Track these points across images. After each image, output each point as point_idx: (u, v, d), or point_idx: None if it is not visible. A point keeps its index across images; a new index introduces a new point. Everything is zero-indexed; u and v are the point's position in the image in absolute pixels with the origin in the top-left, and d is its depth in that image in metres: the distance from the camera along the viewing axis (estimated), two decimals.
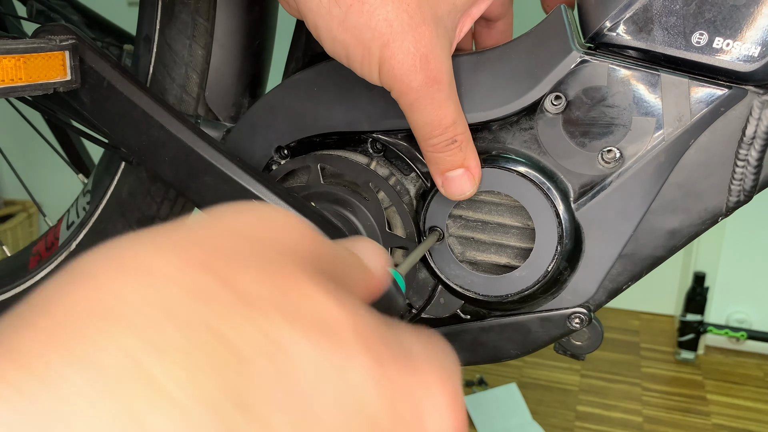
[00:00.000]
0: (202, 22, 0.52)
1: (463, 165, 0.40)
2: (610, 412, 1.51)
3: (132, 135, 0.47)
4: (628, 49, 0.38)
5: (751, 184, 0.38)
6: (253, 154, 0.49)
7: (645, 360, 1.76)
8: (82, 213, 0.63)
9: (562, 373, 1.66)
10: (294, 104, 0.47)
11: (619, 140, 0.40)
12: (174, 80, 0.53)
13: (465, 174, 0.40)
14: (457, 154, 0.40)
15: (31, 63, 0.43)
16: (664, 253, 0.41)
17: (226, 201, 0.45)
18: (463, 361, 0.48)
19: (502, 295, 0.44)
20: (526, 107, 0.41)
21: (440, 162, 0.40)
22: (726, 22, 0.36)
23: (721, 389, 1.64)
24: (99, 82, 0.46)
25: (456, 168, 0.40)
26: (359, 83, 0.45)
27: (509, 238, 0.45)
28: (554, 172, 0.42)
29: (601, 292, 0.43)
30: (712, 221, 0.40)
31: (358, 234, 0.45)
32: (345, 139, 0.47)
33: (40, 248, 0.68)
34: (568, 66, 0.39)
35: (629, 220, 0.41)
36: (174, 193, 0.57)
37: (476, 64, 0.42)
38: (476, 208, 0.45)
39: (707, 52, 0.37)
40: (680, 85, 0.38)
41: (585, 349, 0.46)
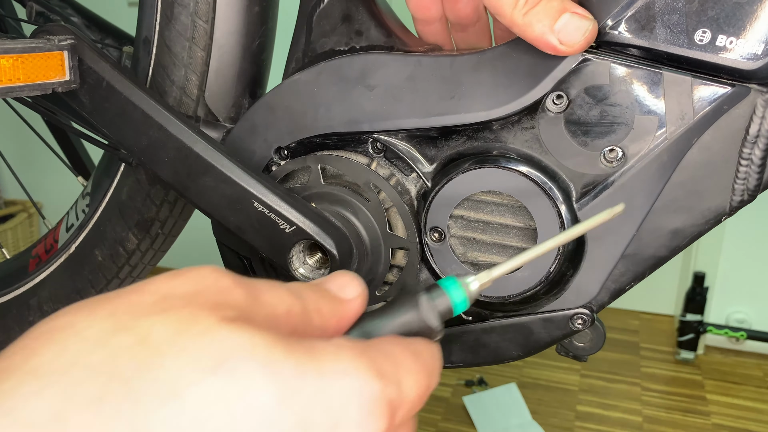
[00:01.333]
0: (202, 24, 0.51)
1: (566, 8, 0.36)
2: (610, 412, 1.51)
3: (131, 135, 0.46)
4: (630, 47, 0.38)
5: (755, 183, 0.38)
6: (253, 155, 0.49)
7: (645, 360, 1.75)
8: (81, 215, 0.63)
9: (562, 373, 1.65)
10: (294, 105, 0.47)
11: (622, 139, 0.40)
12: (173, 82, 0.53)
13: (573, 15, 0.36)
14: (553, 0, 0.37)
15: (30, 63, 0.43)
16: (667, 253, 0.41)
17: (225, 202, 0.45)
18: (464, 362, 0.48)
19: (504, 296, 0.44)
20: (528, 106, 0.41)
21: (542, 16, 0.36)
22: (729, 19, 0.35)
23: (720, 389, 1.64)
24: (98, 82, 0.46)
25: (561, 14, 0.36)
26: (359, 83, 0.45)
27: (511, 238, 0.44)
28: (556, 172, 0.42)
29: (603, 293, 0.43)
30: (715, 221, 0.40)
31: (358, 234, 0.45)
32: (345, 139, 0.46)
33: (40, 251, 0.68)
34: (569, 65, 0.39)
35: (632, 220, 0.41)
36: (173, 195, 0.57)
37: (477, 63, 0.42)
38: (478, 209, 0.44)
39: (710, 50, 0.36)
40: (683, 84, 0.38)
41: (587, 351, 0.46)
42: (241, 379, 0.20)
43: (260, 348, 0.21)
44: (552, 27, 0.36)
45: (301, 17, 0.47)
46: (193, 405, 0.19)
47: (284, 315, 0.24)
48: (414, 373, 0.25)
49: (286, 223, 0.43)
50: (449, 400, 1.53)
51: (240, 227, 0.45)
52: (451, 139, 0.44)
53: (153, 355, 0.20)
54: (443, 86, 0.43)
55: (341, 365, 0.22)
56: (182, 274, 0.24)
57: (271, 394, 0.20)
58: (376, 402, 0.22)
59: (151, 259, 0.62)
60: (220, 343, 0.20)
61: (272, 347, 0.21)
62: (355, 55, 0.45)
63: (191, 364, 0.20)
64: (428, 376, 0.26)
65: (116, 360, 0.19)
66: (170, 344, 0.20)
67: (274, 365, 0.21)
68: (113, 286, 0.62)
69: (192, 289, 0.23)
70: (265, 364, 0.21)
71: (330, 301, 0.27)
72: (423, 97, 0.43)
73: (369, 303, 0.47)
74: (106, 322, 0.21)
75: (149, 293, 0.22)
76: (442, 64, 0.43)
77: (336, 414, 0.21)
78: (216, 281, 0.23)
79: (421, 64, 0.43)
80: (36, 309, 0.66)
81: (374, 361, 0.23)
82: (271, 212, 0.43)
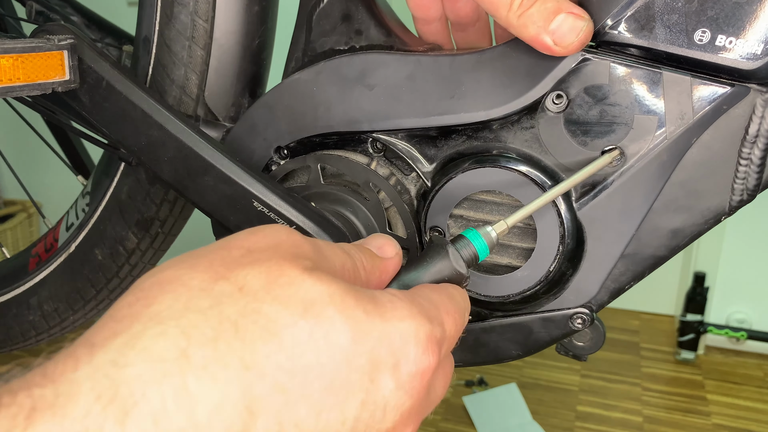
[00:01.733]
0: (201, 23, 0.51)
1: (561, 9, 0.37)
2: (610, 412, 1.51)
3: (131, 135, 0.46)
4: (629, 47, 0.38)
5: (755, 183, 0.38)
6: (253, 155, 0.49)
7: (645, 360, 1.76)
8: (81, 214, 0.63)
9: (562, 373, 1.66)
10: (294, 104, 0.47)
11: (621, 139, 0.40)
12: (173, 81, 0.53)
13: (568, 15, 0.37)
14: (548, 0, 0.37)
15: (29, 63, 0.43)
16: (667, 252, 0.41)
17: (225, 201, 0.45)
18: (464, 362, 0.48)
19: (504, 296, 0.44)
20: (527, 106, 0.41)
21: (537, 17, 0.37)
22: (729, 19, 0.35)
23: (721, 389, 1.64)
24: (98, 82, 0.46)
25: (556, 15, 0.37)
26: (359, 83, 0.45)
27: (511, 238, 0.44)
28: (556, 172, 0.42)
29: (603, 292, 0.43)
30: (715, 220, 0.40)
31: (358, 233, 0.45)
32: (345, 139, 0.46)
33: (40, 250, 0.68)
34: (569, 64, 0.39)
35: (631, 220, 0.41)
36: (173, 195, 0.57)
37: (477, 62, 0.42)
38: (477, 209, 0.45)
39: (710, 50, 0.36)
40: (682, 83, 0.38)
41: (587, 350, 0.46)
42: (324, 322, 0.24)
43: (336, 296, 0.25)
44: (546, 28, 0.37)
45: (301, 16, 0.47)
46: (288, 343, 0.23)
47: (341, 268, 0.29)
48: (452, 314, 0.30)
49: (285, 223, 0.43)
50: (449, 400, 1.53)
51: (240, 227, 0.45)
52: (450, 138, 0.44)
53: (252, 300, 0.23)
54: (443, 86, 0.43)
55: (399, 312, 0.27)
56: (259, 231, 0.28)
57: (347, 335, 0.24)
58: (428, 341, 0.27)
59: (151, 258, 0.62)
60: (305, 292, 0.25)
61: (345, 295, 0.25)
62: (355, 54, 0.45)
63: (284, 309, 0.24)
64: (462, 315, 0.31)
65: (221, 305, 0.23)
66: (265, 291, 0.24)
67: (349, 311, 0.25)
68: (113, 285, 0.62)
69: (272, 243, 0.27)
70: (341, 309, 0.25)
71: (372, 258, 0.32)
72: (423, 97, 0.43)
73: None
74: (207, 273, 0.24)
75: (236, 248, 0.26)
76: (441, 64, 0.43)
77: (398, 351, 0.26)
78: (289, 236, 0.28)
79: (420, 64, 0.43)
80: (36, 308, 0.66)
81: (422, 307, 0.28)
82: (271, 212, 0.44)
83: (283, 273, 0.25)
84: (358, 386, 0.25)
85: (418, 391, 0.27)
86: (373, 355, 0.25)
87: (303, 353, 0.23)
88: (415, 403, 0.27)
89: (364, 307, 0.26)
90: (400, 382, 0.26)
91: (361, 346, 0.25)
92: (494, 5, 0.38)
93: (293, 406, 0.22)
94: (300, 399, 0.23)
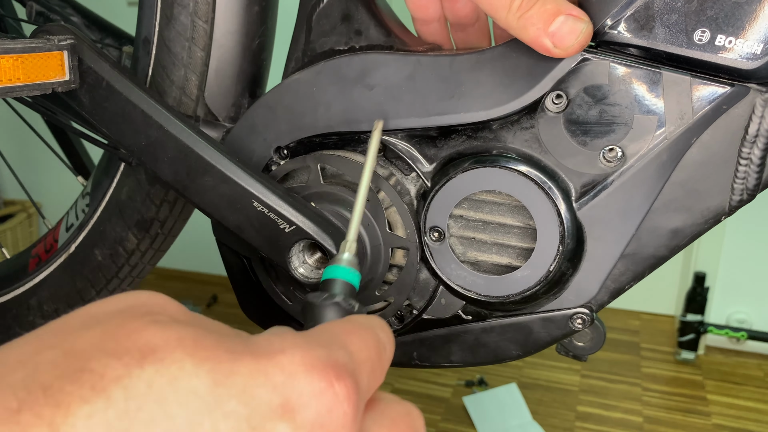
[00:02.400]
0: (201, 24, 0.51)
1: (560, 11, 0.36)
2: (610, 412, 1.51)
3: (131, 135, 0.46)
4: (629, 47, 0.38)
5: (754, 182, 0.38)
6: (253, 155, 0.49)
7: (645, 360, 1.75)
8: (81, 215, 0.63)
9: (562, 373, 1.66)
10: (293, 104, 0.47)
11: (621, 139, 0.40)
12: (173, 82, 0.53)
13: (567, 17, 0.36)
14: (547, 2, 0.37)
15: (29, 63, 0.43)
16: (667, 252, 0.41)
17: (225, 201, 0.45)
18: (464, 362, 0.48)
19: (504, 296, 0.44)
20: (527, 106, 0.41)
21: (536, 19, 0.36)
22: (728, 19, 0.35)
23: (721, 389, 1.64)
24: (98, 82, 0.46)
25: (555, 17, 0.36)
26: (359, 83, 0.45)
27: (510, 238, 0.44)
28: (555, 171, 0.42)
29: (603, 292, 0.43)
30: (714, 220, 0.40)
31: (359, 234, 0.45)
32: (345, 139, 0.46)
33: (40, 250, 0.68)
34: (569, 64, 0.39)
35: (631, 220, 0.41)
36: (173, 195, 0.57)
37: (477, 63, 0.42)
38: (477, 208, 0.45)
39: (709, 50, 0.36)
40: (682, 83, 0.38)
41: (587, 350, 0.46)
42: (169, 367, 0.19)
43: (188, 339, 0.20)
44: (546, 30, 0.37)
45: (301, 17, 0.47)
46: (119, 398, 0.18)
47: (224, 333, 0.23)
48: (356, 333, 0.24)
49: (285, 223, 0.43)
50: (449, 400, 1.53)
51: (239, 227, 0.45)
52: (450, 138, 0.44)
53: (77, 360, 0.19)
54: (443, 86, 0.43)
55: (276, 345, 0.21)
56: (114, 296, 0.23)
57: (204, 378, 0.19)
58: (326, 367, 0.21)
59: (150, 258, 0.62)
60: (147, 340, 0.20)
61: (201, 338, 0.20)
62: (355, 54, 0.45)
63: (116, 360, 0.19)
64: (371, 334, 0.25)
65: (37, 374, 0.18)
66: (96, 348, 0.19)
67: (204, 352, 0.20)
68: (113, 285, 0.62)
69: (124, 305, 0.22)
70: (192, 352, 0.19)
71: None
72: (422, 97, 0.43)
73: (369, 302, 0.48)
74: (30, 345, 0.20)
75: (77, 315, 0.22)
76: (441, 64, 0.43)
77: (283, 388, 0.20)
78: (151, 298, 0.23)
79: (420, 64, 0.43)
80: (36, 309, 0.66)
81: (309, 335, 0.22)
82: (271, 212, 0.44)
83: (124, 326, 0.20)
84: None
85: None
86: (248, 397, 0.19)
87: (140, 407, 0.18)
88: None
89: (227, 346, 0.20)
90: (300, 424, 0.20)
91: (227, 388, 0.19)
92: (494, 7, 0.38)
93: None
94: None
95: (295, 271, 0.45)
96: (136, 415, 0.18)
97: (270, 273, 0.51)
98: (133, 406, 0.18)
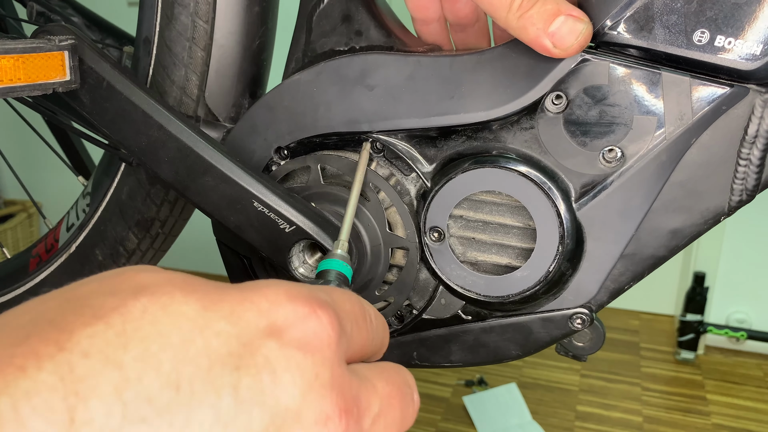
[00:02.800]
0: (202, 24, 0.52)
1: (560, 11, 0.37)
2: (610, 412, 1.51)
3: (132, 135, 0.46)
4: (629, 47, 0.38)
5: (754, 183, 0.38)
6: (253, 155, 0.49)
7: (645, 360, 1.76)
8: (82, 215, 0.63)
9: (562, 373, 1.66)
10: (294, 105, 0.47)
11: (621, 139, 0.40)
12: (174, 82, 0.53)
13: (567, 18, 0.37)
14: (547, 2, 0.37)
15: (30, 63, 0.43)
16: (666, 252, 0.41)
17: (225, 201, 0.45)
18: (464, 362, 0.48)
19: (504, 296, 0.44)
20: (527, 106, 0.41)
21: (536, 20, 0.37)
22: (728, 20, 0.35)
23: (721, 389, 1.64)
24: (98, 82, 0.46)
25: (555, 17, 0.37)
26: (359, 83, 0.45)
27: (510, 238, 0.44)
28: (555, 172, 0.42)
29: (602, 293, 0.43)
30: (714, 221, 0.40)
31: (358, 233, 0.45)
32: (345, 139, 0.46)
33: (40, 250, 0.68)
34: (568, 65, 0.39)
35: (631, 220, 0.41)
36: (174, 195, 0.57)
37: (477, 63, 0.42)
38: (477, 209, 0.45)
39: (709, 51, 0.36)
40: (681, 84, 0.38)
41: (587, 350, 0.46)
42: (161, 297, 0.21)
43: (177, 279, 0.22)
44: (546, 30, 0.37)
45: (301, 17, 0.47)
46: (117, 322, 0.20)
47: None
48: (340, 291, 0.26)
49: (285, 223, 0.43)
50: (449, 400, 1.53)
51: (240, 227, 0.45)
52: (450, 139, 0.44)
53: (78, 301, 0.21)
54: (443, 86, 0.43)
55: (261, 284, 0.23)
56: None
57: (194, 304, 0.21)
58: (309, 298, 0.23)
59: (151, 258, 0.62)
60: (140, 281, 0.21)
61: (191, 279, 0.22)
62: (355, 55, 0.45)
63: (112, 297, 0.20)
64: (357, 296, 0.27)
65: (43, 314, 0.20)
66: (94, 292, 0.21)
67: (193, 287, 0.22)
68: None
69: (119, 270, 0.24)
70: (182, 287, 0.21)
71: None
72: (422, 97, 0.43)
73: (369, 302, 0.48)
74: (34, 302, 0.21)
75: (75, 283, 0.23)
76: (441, 65, 0.43)
77: (269, 313, 0.22)
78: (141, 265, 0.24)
79: (420, 65, 0.43)
80: None
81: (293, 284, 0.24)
82: (271, 212, 0.44)
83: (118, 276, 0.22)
84: (224, 351, 0.20)
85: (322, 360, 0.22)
86: (236, 318, 0.21)
87: (137, 328, 0.19)
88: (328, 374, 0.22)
89: (214, 285, 0.22)
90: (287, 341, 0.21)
91: (215, 312, 0.21)
92: (494, 7, 0.38)
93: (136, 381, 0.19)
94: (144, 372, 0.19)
95: (295, 271, 0.45)
96: (133, 334, 0.19)
97: (270, 273, 0.51)
98: (129, 328, 0.20)
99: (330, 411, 0.21)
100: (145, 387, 0.19)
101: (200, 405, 0.19)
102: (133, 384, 0.18)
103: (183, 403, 0.19)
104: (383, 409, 0.25)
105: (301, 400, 0.21)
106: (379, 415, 0.24)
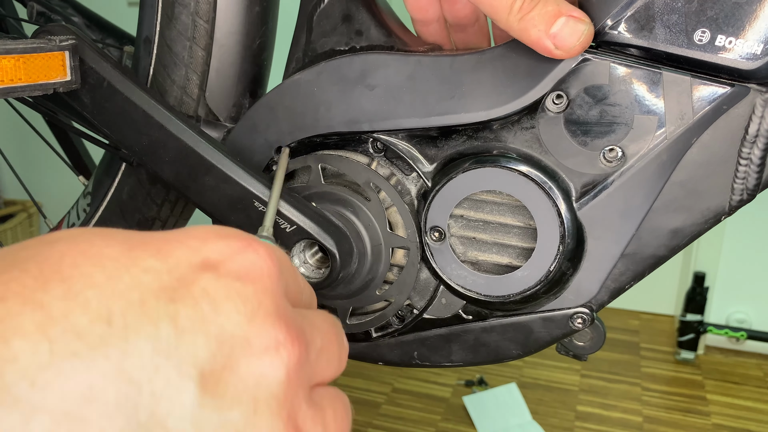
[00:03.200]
0: (202, 24, 0.52)
1: (561, 12, 0.37)
2: (610, 412, 1.51)
3: (132, 135, 0.46)
4: (629, 47, 0.38)
5: (754, 182, 0.38)
6: (254, 155, 0.49)
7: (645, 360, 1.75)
8: (82, 215, 0.63)
9: (562, 373, 1.66)
10: (294, 104, 0.47)
11: (621, 139, 0.40)
12: (174, 82, 0.53)
13: (569, 19, 0.37)
14: (548, 3, 0.37)
15: (31, 63, 0.43)
16: (667, 252, 0.41)
17: (226, 201, 0.45)
18: (464, 362, 0.48)
19: (504, 296, 0.44)
20: (528, 106, 0.41)
21: (538, 21, 0.37)
22: (728, 19, 0.35)
23: (721, 389, 1.64)
24: (99, 82, 0.46)
25: (557, 18, 0.37)
26: (359, 83, 0.45)
27: (511, 237, 0.44)
28: (556, 172, 0.42)
29: (603, 292, 0.43)
30: (714, 220, 0.40)
31: (359, 233, 0.45)
32: (345, 139, 0.46)
33: None
34: (569, 65, 0.39)
35: (631, 220, 0.41)
36: (174, 195, 0.57)
37: (477, 63, 0.42)
38: (478, 208, 0.45)
39: (709, 50, 0.36)
40: (682, 84, 0.38)
41: (587, 350, 0.46)
42: (80, 244, 0.20)
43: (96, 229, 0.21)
44: (547, 32, 0.37)
45: (302, 17, 0.47)
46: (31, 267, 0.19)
47: None
48: None
49: (286, 223, 0.43)
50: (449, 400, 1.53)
51: (241, 227, 0.45)
52: (451, 138, 0.44)
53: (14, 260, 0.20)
54: (443, 86, 0.43)
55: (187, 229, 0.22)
56: None
57: (116, 246, 0.20)
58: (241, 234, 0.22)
59: None
60: (56, 234, 0.21)
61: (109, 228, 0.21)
62: (356, 55, 0.45)
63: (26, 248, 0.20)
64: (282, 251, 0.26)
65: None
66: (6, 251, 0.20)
67: (111, 233, 0.21)
68: None
69: None
70: (102, 234, 0.20)
71: None
72: (423, 97, 0.43)
73: (369, 302, 0.48)
74: None
75: None
76: (442, 64, 0.43)
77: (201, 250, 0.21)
78: None
79: (421, 64, 0.43)
80: None
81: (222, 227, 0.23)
82: None
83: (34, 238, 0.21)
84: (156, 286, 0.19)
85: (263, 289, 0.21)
86: (164, 255, 0.20)
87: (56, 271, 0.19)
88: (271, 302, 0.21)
89: (137, 232, 0.21)
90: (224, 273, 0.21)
91: (141, 251, 0.20)
92: (494, 8, 0.38)
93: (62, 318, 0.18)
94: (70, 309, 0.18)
95: None
96: (51, 276, 0.18)
97: None
98: (48, 271, 0.19)
99: (282, 337, 0.21)
100: (72, 323, 0.18)
101: (137, 337, 0.18)
102: (59, 321, 0.18)
103: (117, 335, 0.18)
104: (324, 344, 0.24)
105: (248, 326, 0.20)
106: (321, 350, 0.24)
